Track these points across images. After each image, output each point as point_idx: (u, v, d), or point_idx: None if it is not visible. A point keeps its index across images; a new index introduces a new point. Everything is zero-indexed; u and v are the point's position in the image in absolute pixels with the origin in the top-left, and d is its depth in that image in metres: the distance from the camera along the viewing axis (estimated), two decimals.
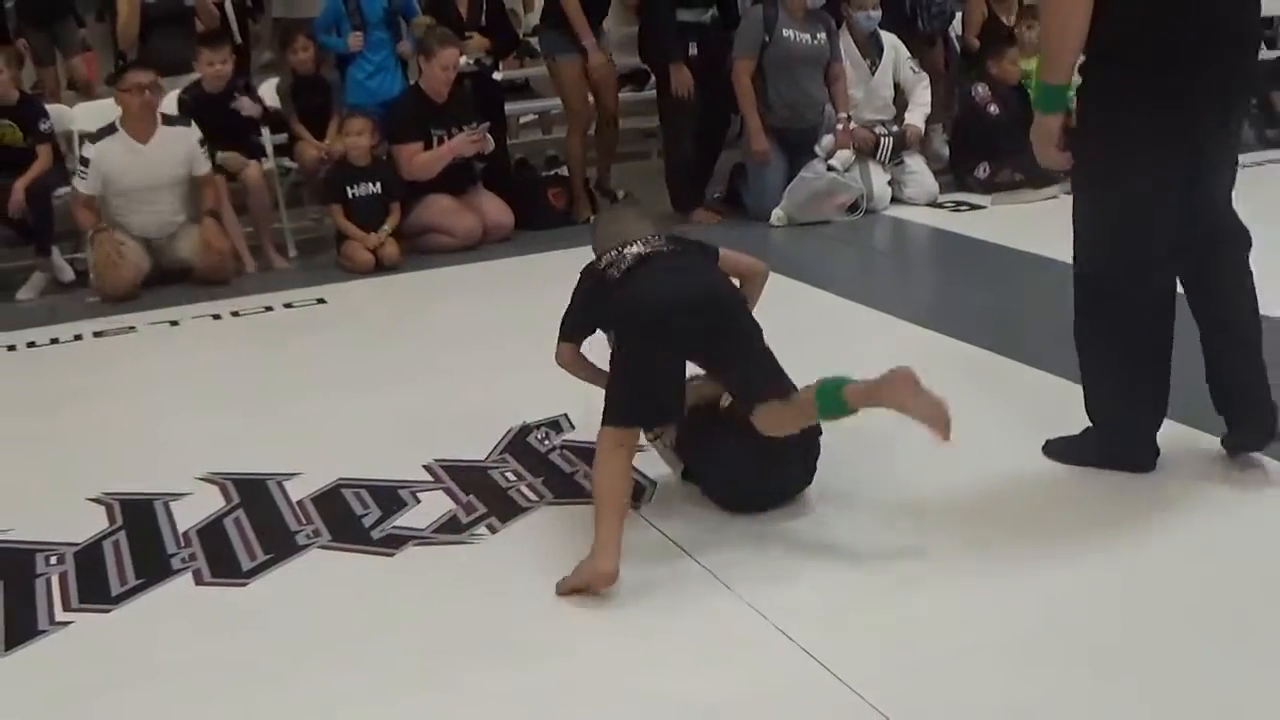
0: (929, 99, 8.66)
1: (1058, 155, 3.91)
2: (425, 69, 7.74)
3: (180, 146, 7.25)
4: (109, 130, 7.20)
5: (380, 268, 7.40)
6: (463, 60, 7.83)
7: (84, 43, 9.95)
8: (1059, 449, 4.21)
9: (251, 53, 9.52)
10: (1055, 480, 4.09)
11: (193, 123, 7.38)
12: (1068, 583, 3.46)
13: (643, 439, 3.99)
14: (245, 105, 7.78)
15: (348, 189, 7.54)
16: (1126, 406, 4.06)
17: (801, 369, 4.62)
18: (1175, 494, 3.97)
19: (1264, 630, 3.21)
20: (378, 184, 7.57)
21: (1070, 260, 4.10)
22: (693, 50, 8.12)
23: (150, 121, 7.18)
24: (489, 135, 7.87)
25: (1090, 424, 4.16)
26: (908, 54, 8.62)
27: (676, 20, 8.10)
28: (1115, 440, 4.10)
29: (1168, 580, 3.47)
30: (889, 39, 8.52)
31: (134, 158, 7.14)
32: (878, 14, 8.36)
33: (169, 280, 7.30)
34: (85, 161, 7.15)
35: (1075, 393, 4.48)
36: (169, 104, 7.54)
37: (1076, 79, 3.90)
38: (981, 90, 8.56)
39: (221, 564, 3.88)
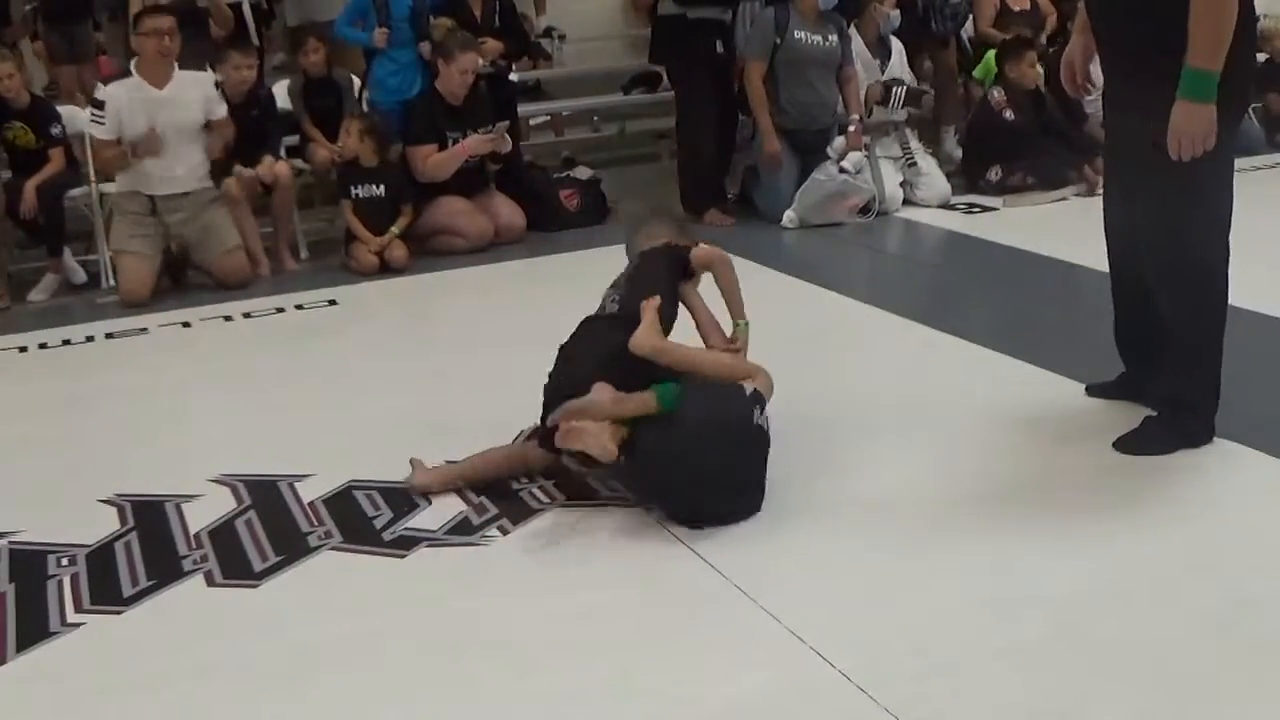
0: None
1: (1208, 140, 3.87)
2: (443, 72, 7.74)
3: (196, 91, 7.20)
4: (123, 74, 7.16)
5: (387, 269, 7.40)
6: (479, 62, 7.84)
7: (99, 47, 9.95)
8: (1135, 443, 4.21)
9: (265, 56, 9.53)
10: (1064, 481, 4.08)
11: (209, 67, 7.33)
12: (1077, 583, 3.45)
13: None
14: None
15: (352, 188, 7.55)
16: (1219, 381, 4.21)
17: (812, 370, 4.64)
18: (1179, 489, 3.99)
19: (1267, 625, 3.21)
20: (381, 186, 7.57)
21: (1093, 260, 4.16)
22: (719, 48, 8.12)
23: (167, 67, 7.13)
24: (506, 135, 7.87)
25: (1180, 408, 4.22)
26: (907, 63, 8.65)
27: (701, 18, 8.09)
28: (1205, 421, 4.22)
29: (1174, 577, 3.47)
30: (896, 45, 8.54)
31: (148, 103, 7.06)
32: (897, 15, 8.38)
33: (181, 276, 7.32)
34: (100, 105, 7.08)
35: (1083, 394, 4.48)
36: None
37: None
38: (997, 94, 8.55)
39: (233, 565, 3.87)
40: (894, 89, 8.33)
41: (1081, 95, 4.49)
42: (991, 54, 9.29)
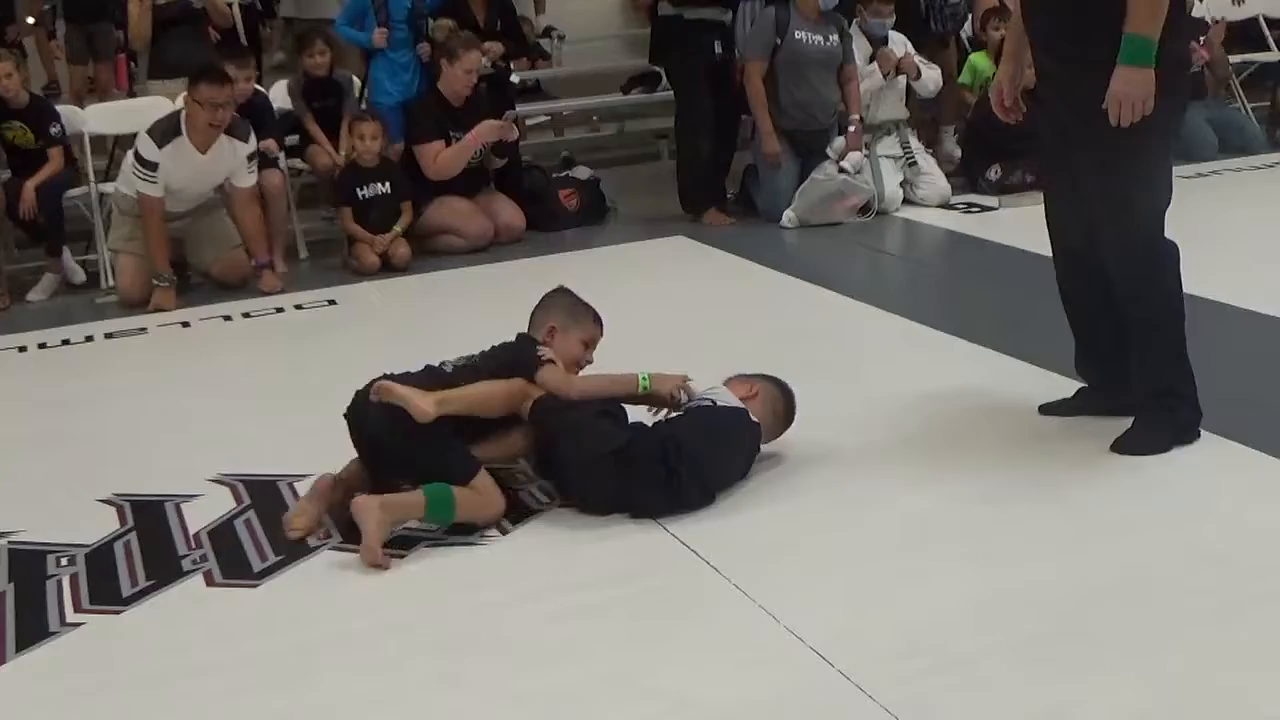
0: (939, 74, 8.75)
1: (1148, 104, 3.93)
2: (447, 72, 7.73)
3: (229, 160, 7.05)
4: (174, 132, 6.91)
5: (390, 268, 7.41)
6: (483, 62, 7.84)
7: (118, 45, 9.96)
8: (1131, 442, 4.21)
9: (263, 56, 9.53)
10: (1063, 478, 4.08)
11: (251, 135, 7.14)
12: (1076, 580, 3.46)
13: None
14: (271, 148, 7.76)
15: (357, 190, 7.54)
16: (1189, 368, 4.21)
17: (812, 370, 4.64)
18: (1177, 486, 4.00)
19: (1266, 622, 3.21)
20: (387, 184, 7.57)
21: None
22: (718, 49, 8.12)
23: (214, 135, 6.95)
24: (514, 125, 7.87)
25: (1167, 399, 4.21)
26: (914, 51, 8.61)
27: (699, 18, 8.08)
28: (1193, 406, 4.23)
29: (1172, 574, 3.47)
30: (897, 37, 8.52)
31: (189, 166, 6.95)
32: (890, 19, 8.36)
33: (182, 279, 7.32)
34: (150, 165, 6.86)
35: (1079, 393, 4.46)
36: None
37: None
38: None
39: (232, 565, 3.87)
40: (888, 48, 8.39)
41: (1012, 119, 4.51)
42: (975, 57, 9.29)
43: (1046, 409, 4.55)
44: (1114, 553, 3.60)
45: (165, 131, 6.95)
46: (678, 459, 3.96)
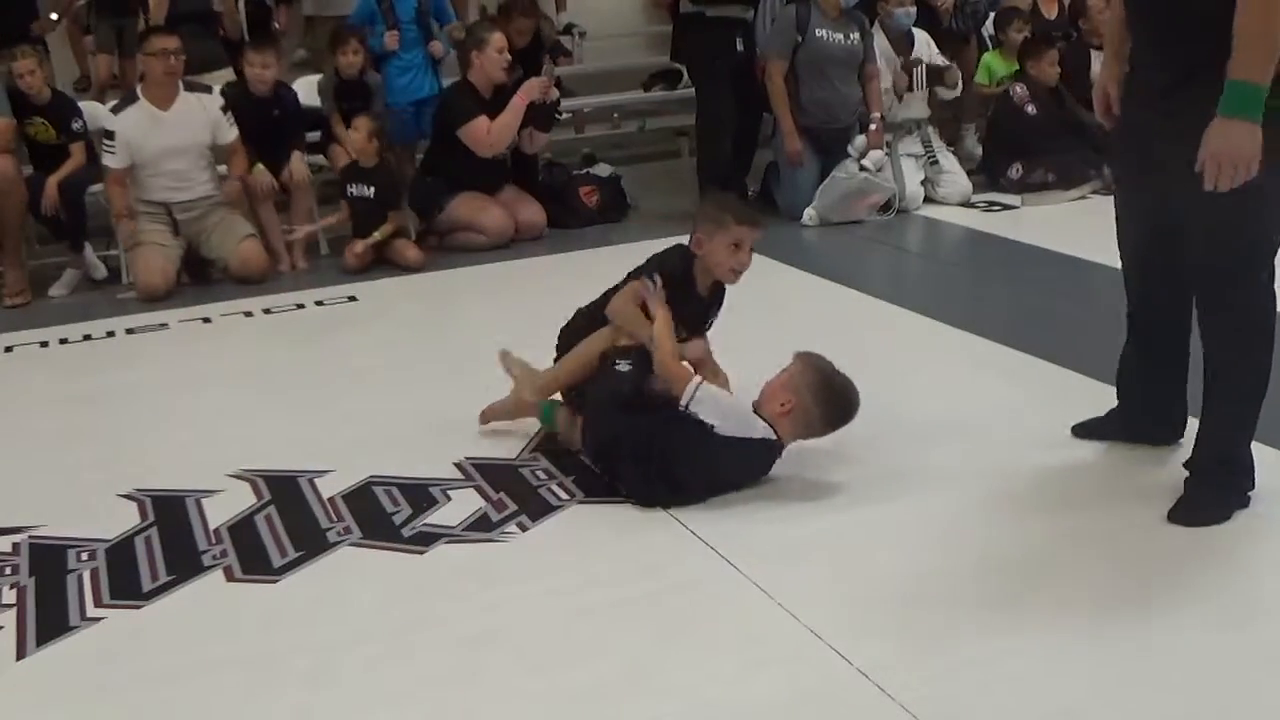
0: (958, 74, 8.77)
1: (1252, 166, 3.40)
2: (477, 61, 7.69)
3: (200, 114, 7.21)
4: (130, 99, 7.18)
5: (392, 269, 7.40)
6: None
7: None
8: (1189, 513, 3.78)
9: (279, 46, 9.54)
10: (1084, 480, 4.07)
11: (215, 89, 7.35)
12: (1099, 582, 3.45)
13: None
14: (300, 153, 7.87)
15: (349, 187, 7.57)
16: (1252, 434, 3.82)
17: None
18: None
19: None
20: (371, 188, 7.53)
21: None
22: (739, 46, 8.12)
23: (172, 88, 7.14)
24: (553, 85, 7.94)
25: (1222, 473, 3.83)
26: (937, 50, 8.61)
27: (721, 16, 8.08)
28: (1248, 471, 3.86)
29: (1199, 579, 3.46)
30: (919, 34, 8.51)
31: (155, 125, 7.10)
32: (914, 10, 8.35)
33: (203, 275, 7.34)
34: (110, 135, 7.10)
35: (1106, 393, 4.45)
36: None
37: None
38: (1020, 90, 8.54)
39: (252, 561, 3.88)
40: (914, 69, 8.33)
41: (1114, 125, 4.06)
42: (989, 57, 9.30)
43: (1080, 431, 4.37)
44: (1139, 554, 3.59)
45: (121, 100, 7.29)
46: (657, 457, 4.02)
